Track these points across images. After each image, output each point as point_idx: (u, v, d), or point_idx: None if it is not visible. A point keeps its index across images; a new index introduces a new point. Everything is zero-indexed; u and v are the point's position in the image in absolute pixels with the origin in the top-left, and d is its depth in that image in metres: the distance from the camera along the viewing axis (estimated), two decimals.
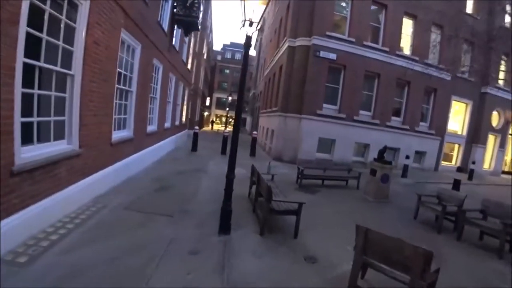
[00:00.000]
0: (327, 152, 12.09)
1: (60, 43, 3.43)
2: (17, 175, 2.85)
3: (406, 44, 13.34)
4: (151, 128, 8.33)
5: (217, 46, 50.81)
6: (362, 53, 11.92)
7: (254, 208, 4.91)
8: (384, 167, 6.88)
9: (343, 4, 12.18)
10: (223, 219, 3.73)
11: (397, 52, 12.56)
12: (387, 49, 12.32)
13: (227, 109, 38.91)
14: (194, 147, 12.03)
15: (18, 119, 2.84)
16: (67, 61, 3.68)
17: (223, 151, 11.89)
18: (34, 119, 3.20)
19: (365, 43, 11.97)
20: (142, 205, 4.56)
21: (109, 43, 4.61)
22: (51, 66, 3.34)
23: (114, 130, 5.45)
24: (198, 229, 3.87)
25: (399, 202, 6.99)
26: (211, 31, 24.73)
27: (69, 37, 3.64)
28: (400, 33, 12.76)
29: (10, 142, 2.76)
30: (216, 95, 51.79)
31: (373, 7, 12.35)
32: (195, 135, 12.23)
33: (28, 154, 3.07)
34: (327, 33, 11.45)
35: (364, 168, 10.75)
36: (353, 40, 11.79)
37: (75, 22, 3.68)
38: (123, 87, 5.74)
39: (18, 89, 2.79)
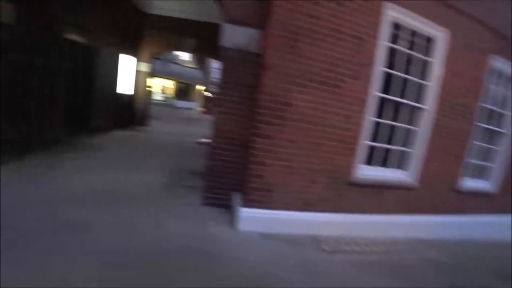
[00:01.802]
0: None
1: (415, 78, 3.67)
2: (352, 185, 3.50)
3: None
4: None
5: None
6: None
7: None
8: None
9: None
10: None
11: None
12: None
13: None
14: None
15: (364, 142, 3.49)
16: (420, 95, 3.83)
17: None
18: (379, 144, 3.71)
19: None
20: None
21: (471, 73, 4.10)
22: (404, 100, 3.69)
23: (466, 176, 4.66)
24: None
25: None
26: None
27: (424, 72, 3.77)
28: None
29: (353, 157, 3.46)
30: None
31: None
32: None
33: (366, 172, 3.62)
34: None
35: None
36: None
37: (430, 57, 3.73)
38: (489, 126, 4.74)
39: (369, 117, 3.42)
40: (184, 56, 27.25)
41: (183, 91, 30.09)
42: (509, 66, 4.60)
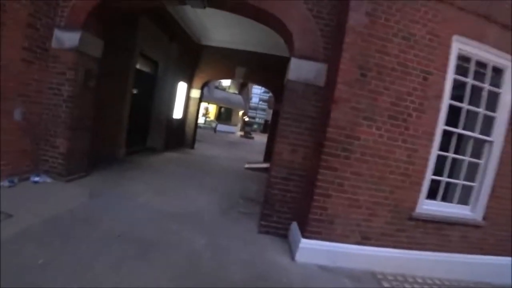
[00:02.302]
0: None
1: (481, 110, 3.52)
2: (412, 220, 3.36)
3: None
4: None
5: None
6: None
7: None
8: None
9: None
10: None
11: None
12: None
13: None
14: None
15: (428, 176, 3.38)
16: (487, 127, 3.66)
17: None
18: (443, 178, 3.54)
19: None
20: None
21: None
22: (469, 133, 3.54)
23: None
24: None
25: None
26: None
27: (492, 103, 3.61)
28: None
29: (416, 192, 3.34)
30: None
31: None
32: None
33: (428, 207, 3.47)
34: None
35: None
36: None
37: (499, 87, 3.58)
38: None
39: (434, 151, 3.34)
40: (226, 82, 28.54)
41: (224, 115, 31.23)
42: None
